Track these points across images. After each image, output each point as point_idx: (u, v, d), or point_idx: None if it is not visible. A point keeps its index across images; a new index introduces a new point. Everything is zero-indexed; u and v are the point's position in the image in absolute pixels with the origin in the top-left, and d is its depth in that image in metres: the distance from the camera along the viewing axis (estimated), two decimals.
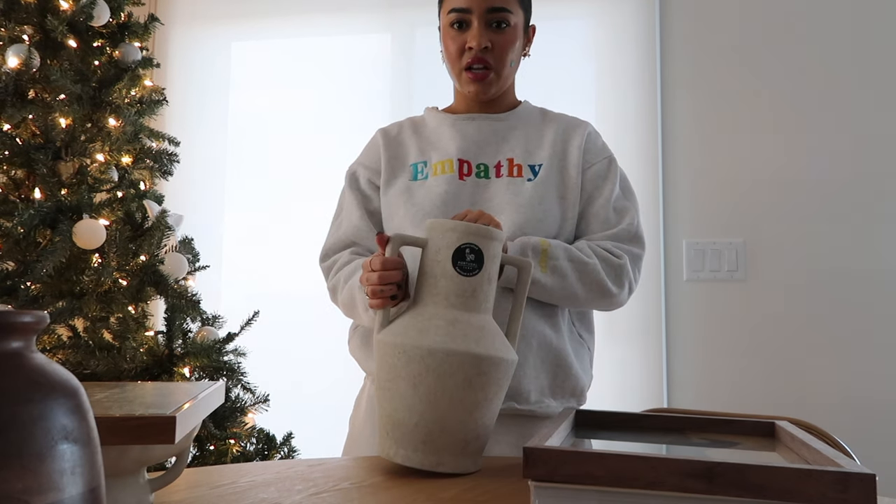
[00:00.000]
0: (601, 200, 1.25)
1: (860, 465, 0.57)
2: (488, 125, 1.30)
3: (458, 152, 1.26)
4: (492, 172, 1.26)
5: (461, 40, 1.25)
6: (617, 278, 1.20)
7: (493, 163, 1.26)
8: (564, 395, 1.21)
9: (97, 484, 0.41)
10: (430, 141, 1.31)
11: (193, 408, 0.66)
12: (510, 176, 1.24)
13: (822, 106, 2.28)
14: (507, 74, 1.28)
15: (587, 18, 2.47)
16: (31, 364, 0.40)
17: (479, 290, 0.92)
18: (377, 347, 0.92)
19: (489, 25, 1.24)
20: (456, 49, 1.26)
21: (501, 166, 1.26)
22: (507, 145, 1.28)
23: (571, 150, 1.27)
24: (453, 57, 1.27)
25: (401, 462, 0.87)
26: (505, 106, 1.33)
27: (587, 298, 1.19)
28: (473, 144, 1.27)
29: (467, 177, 1.25)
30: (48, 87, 1.83)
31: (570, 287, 1.16)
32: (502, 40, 1.25)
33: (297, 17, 2.64)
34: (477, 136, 1.28)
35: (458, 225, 0.92)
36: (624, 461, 0.57)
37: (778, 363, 2.23)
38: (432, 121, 1.35)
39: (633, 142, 2.38)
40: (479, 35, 1.23)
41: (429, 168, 1.27)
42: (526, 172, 1.24)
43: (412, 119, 1.38)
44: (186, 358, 1.77)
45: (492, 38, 1.24)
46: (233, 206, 2.57)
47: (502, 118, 1.31)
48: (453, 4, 1.25)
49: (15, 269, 1.67)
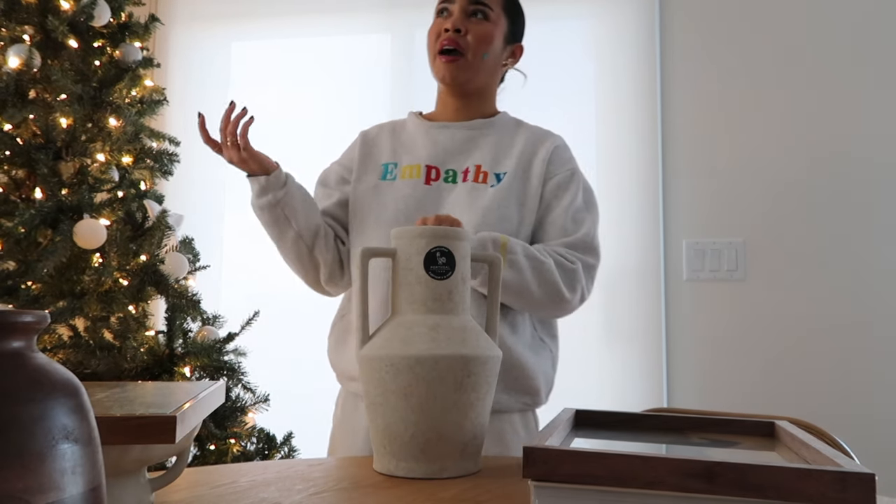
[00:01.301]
0: (559, 210, 1.29)
1: (860, 464, 0.57)
2: (461, 133, 1.34)
3: (427, 158, 1.32)
4: (459, 177, 1.30)
5: (441, 26, 1.31)
6: (570, 283, 1.23)
7: (461, 168, 1.31)
8: (518, 392, 1.25)
9: (98, 483, 0.41)
10: (405, 144, 1.37)
11: (194, 407, 0.66)
12: (475, 182, 1.29)
13: (823, 106, 2.28)
14: (477, 66, 1.31)
15: (587, 18, 2.47)
16: (31, 364, 0.40)
17: (455, 292, 0.92)
18: (362, 364, 0.91)
19: (468, 15, 1.30)
20: (434, 34, 1.32)
21: (469, 172, 1.30)
22: (477, 152, 1.32)
23: (536, 161, 1.31)
24: (431, 43, 1.33)
25: (403, 475, 0.87)
26: (482, 113, 1.38)
27: (540, 299, 1.22)
28: (443, 151, 1.33)
29: (434, 181, 1.30)
30: (49, 87, 1.83)
31: (526, 284, 1.19)
32: (477, 29, 1.30)
33: (297, 17, 2.64)
34: (449, 143, 1.33)
35: (424, 230, 0.92)
36: (624, 461, 0.57)
37: (778, 363, 2.23)
38: (411, 125, 1.40)
39: (632, 142, 2.38)
40: (455, 19, 1.29)
41: (398, 170, 1.33)
42: (490, 179, 1.29)
43: (394, 122, 1.44)
44: (187, 357, 1.77)
45: (468, 25, 1.30)
46: (233, 206, 2.57)
47: (476, 126, 1.35)
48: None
49: (16, 268, 1.68)
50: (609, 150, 2.39)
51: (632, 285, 2.33)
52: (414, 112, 1.42)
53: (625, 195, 2.36)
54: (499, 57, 1.35)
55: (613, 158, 2.38)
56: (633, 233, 2.34)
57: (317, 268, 1.33)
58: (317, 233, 1.30)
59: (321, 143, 2.60)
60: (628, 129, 2.38)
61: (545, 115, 2.46)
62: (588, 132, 2.41)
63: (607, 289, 2.35)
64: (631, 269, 2.34)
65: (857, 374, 2.18)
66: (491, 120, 1.36)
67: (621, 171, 2.37)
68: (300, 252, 1.30)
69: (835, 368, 2.19)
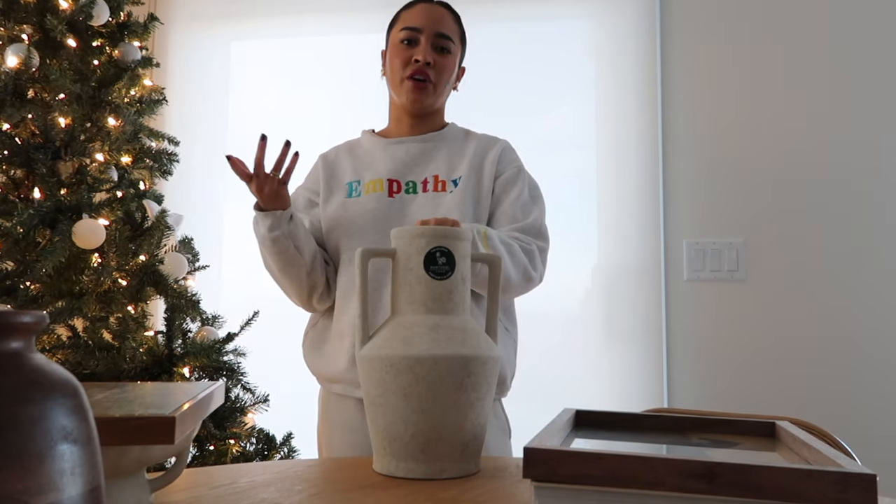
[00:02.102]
0: (509, 201, 1.41)
1: (861, 465, 0.57)
2: (416, 147, 1.45)
3: (388, 173, 1.42)
4: (419, 188, 1.40)
5: (408, 54, 1.42)
6: (533, 262, 1.35)
7: (420, 179, 1.42)
8: None
9: (97, 484, 0.41)
10: (364, 162, 1.47)
11: (193, 408, 0.66)
12: (434, 191, 1.40)
13: (823, 106, 2.28)
14: (440, 93, 1.45)
15: (587, 18, 2.47)
16: (30, 364, 0.40)
17: (455, 292, 0.92)
18: (362, 364, 0.91)
19: (434, 48, 1.42)
20: (401, 62, 1.42)
21: (427, 182, 1.41)
22: (433, 164, 1.43)
23: (486, 163, 1.43)
24: (397, 69, 1.43)
25: (403, 475, 0.87)
26: (433, 127, 1.48)
27: (516, 280, 1.31)
28: (402, 165, 1.43)
29: (396, 194, 1.40)
30: (47, 86, 1.83)
31: (506, 268, 1.27)
32: (443, 62, 1.42)
33: (297, 16, 2.63)
34: (406, 157, 1.44)
35: (424, 230, 0.92)
36: (623, 461, 0.57)
37: (778, 363, 2.23)
38: (367, 143, 1.50)
39: (633, 141, 2.38)
40: (425, 50, 1.40)
41: (361, 186, 1.43)
42: (448, 186, 1.40)
43: (349, 142, 1.55)
44: (186, 358, 1.77)
45: (435, 58, 1.41)
46: (233, 206, 2.57)
47: (429, 139, 1.46)
48: (407, 23, 1.43)
49: (14, 268, 1.67)
50: (609, 150, 2.39)
51: (632, 285, 2.33)
52: (366, 130, 1.54)
53: (625, 195, 2.36)
54: (453, 82, 1.49)
55: (613, 158, 2.38)
56: (633, 233, 2.34)
57: (313, 288, 1.39)
58: (315, 257, 1.38)
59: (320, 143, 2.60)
60: (628, 129, 2.38)
61: (545, 114, 2.46)
62: (588, 132, 2.41)
63: (607, 289, 2.35)
64: (631, 269, 2.34)
65: (858, 375, 2.18)
66: (441, 132, 1.48)
67: (621, 170, 2.37)
68: (301, 277, 1.36)
69: (835, 368, 2.19)
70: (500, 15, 2.52)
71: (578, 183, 2.39)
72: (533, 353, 2.15)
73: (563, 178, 2.37)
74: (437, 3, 1.46)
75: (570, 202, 2.36)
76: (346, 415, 1.38)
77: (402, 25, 1.44)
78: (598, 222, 2.38)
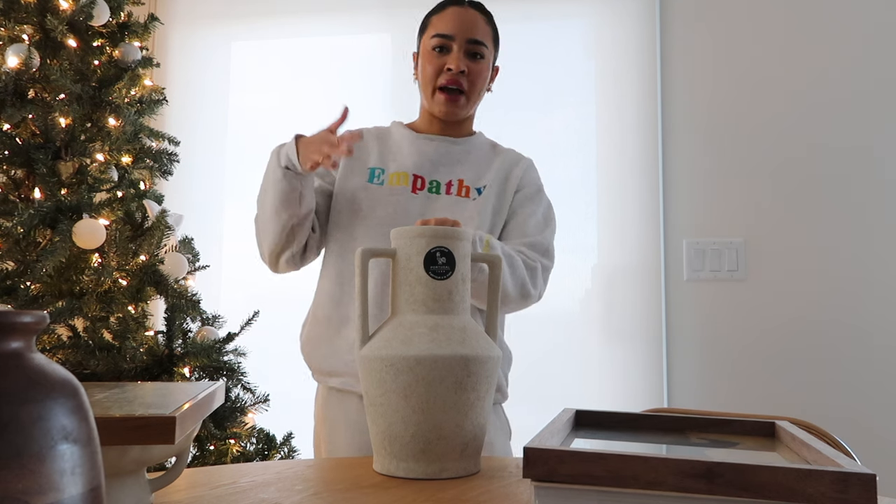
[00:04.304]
0: (523, 216, 1.41)
1: (860, 465, 0.57)
2: (446, 147, 1.43)
3: (414, 167, 1.40)
4: (443, 189, 1.39)
5: (440, 63, 1.38)
6: (533, 279, 1.34)
7: (445, 181, 1.40)
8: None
9: (97, 484, 0.41)
10: (391, 151, 1.44)
11: (193, 408, 0.66)
12: (458, 195, 1.39)
13: (823, 106, 2.28)
14: (474, 101, 1.43)
15: (587, 18, 2.47)
16: (31, 364, 0.40)
17: (455, 292, 0.92)
18: (362, 364, 0.91)
19: (467, 54, 1.38)
20: (433, 70, 1.38)
21: (452, 185, 1.40)
22: (460, 167, 1.42)
23: (511, 178, 1.43)
24: (429, 77, 1.39)
25: (403, 475, 0.87)
26: (463, 132, 1.47)
27: (513, 294, 1.30)
28: (429, 162, 1.41)
29: (420, 191, 1.38)
30: (48, 86, 1.83)
31: (505, 279, 1.26)
32: (477, 69, 1.39)
33: (296, 17, 2.63)
34: (434, 155, 1.42)
35: (425, 230, 0.92)
36: (624, 461, 0.57)
37: (778, 363, 2.23)
38: (396, 133, 1.47)
39: (633, 141, 2.38)
40: (458, 59, 1.37)
41: (385, 175, 1.40)
42: (472, 193, 1.39)
43: (378, 128, 1.51)
44: (186, 358, 1.77)
45: (468, 65, 1.38)
46: (233, 206, 2.57)
47: (459, 143, 1.45)
48: (438, 30, 1.38)
49: (15, 268, 1.67)
50: (609, 150, 2.39)
51: (632, 285, 2.33)
52: (396, 121, 1.50)
53: (625, 195, 2.36)
54: (486, 86, 1.46)
55: (613, 158, 2.38)
56: (633, 233, 2.34)
57: (288, 244, 1.35)
58: (308, 215, 1.34)
59: None
60: (628, 129, 2.38)
61: (546, 114, 2.47)
62: (588, 132, 2.41)
63: (607, 289, 2.35)
64: (631, 268, 2.34)
65: (858, 374, 2.18)
66: (471, 139, 1.47)
67: (621, 170, 2.37)
68: (287, 226, 1.32)
69: (835, 368, 2.19)
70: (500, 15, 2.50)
71: (578, 183, 2.39)
72: (533, 353, 2.14)
73: (563, 178, 2.37)
74: (469, 4, 1.41)
75: (570, 202, 2.36)
76: (349, 414, 1.33)
77: (433, 32, 1.39)
78: (598, 222, 2.38)
